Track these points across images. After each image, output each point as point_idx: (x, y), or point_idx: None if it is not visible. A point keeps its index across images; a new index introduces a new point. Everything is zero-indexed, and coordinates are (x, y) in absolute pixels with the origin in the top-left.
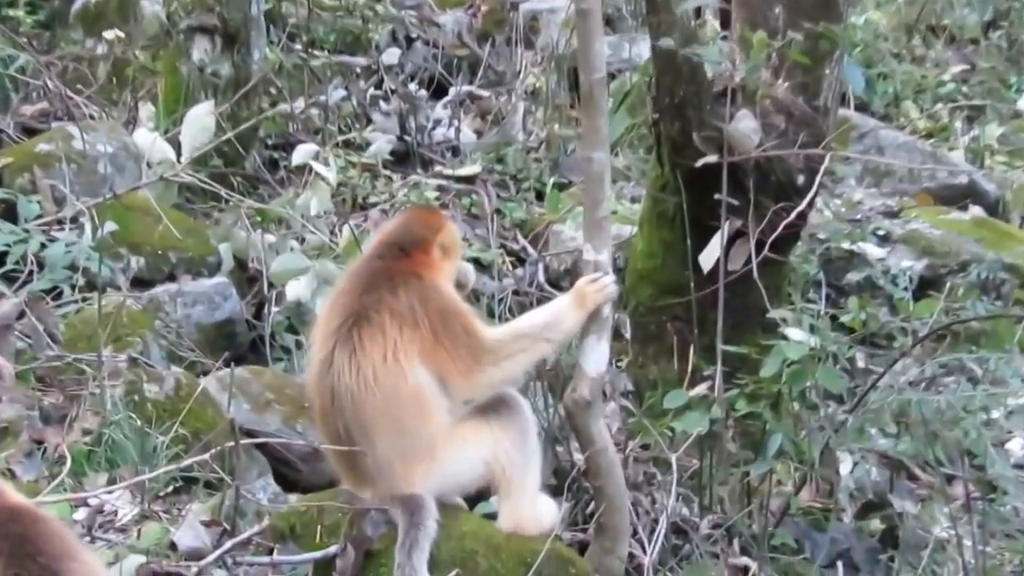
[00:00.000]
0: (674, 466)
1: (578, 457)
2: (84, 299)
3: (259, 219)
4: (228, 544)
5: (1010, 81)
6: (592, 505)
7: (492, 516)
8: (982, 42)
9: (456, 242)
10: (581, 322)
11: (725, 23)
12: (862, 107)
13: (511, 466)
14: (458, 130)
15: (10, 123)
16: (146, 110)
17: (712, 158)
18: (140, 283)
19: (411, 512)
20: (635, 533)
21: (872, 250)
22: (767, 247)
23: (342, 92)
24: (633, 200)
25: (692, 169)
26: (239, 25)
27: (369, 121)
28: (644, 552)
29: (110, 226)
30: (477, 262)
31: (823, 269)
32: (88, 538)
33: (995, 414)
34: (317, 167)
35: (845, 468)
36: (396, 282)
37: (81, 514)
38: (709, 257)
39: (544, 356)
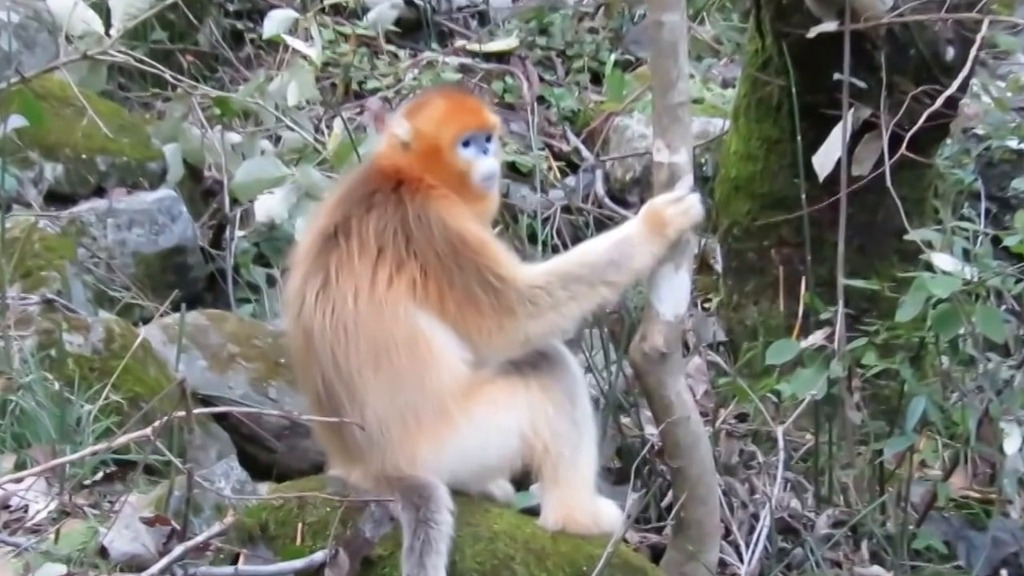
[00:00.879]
0: (780, 443)
1: (651, 431)
2: None
3: (217, 112)
4: (179, 550)
5: None
6: (670, 495)
7: (533, 512)
8: None
9: (412, 131)
10: (657, 257)
11: None
12: None
13: (556, 441)
14: None
15: None
16: None
17: (830, 25)
18: (57, 199)
19: (417, 504)
20: (727, 533)
21: None
22: (905, 145)
23: None
24: (725, 84)
25: (803, 40)
26: None
27: None
28: (740, 559)
29: (16, 121)
30: (514, 168)
31: (981, 175)
32: None
33: None
34: (295, 43)
35: (1011, 444)
36: (374, 197)
37: None
38: (827, 159)
39: (603, 303)
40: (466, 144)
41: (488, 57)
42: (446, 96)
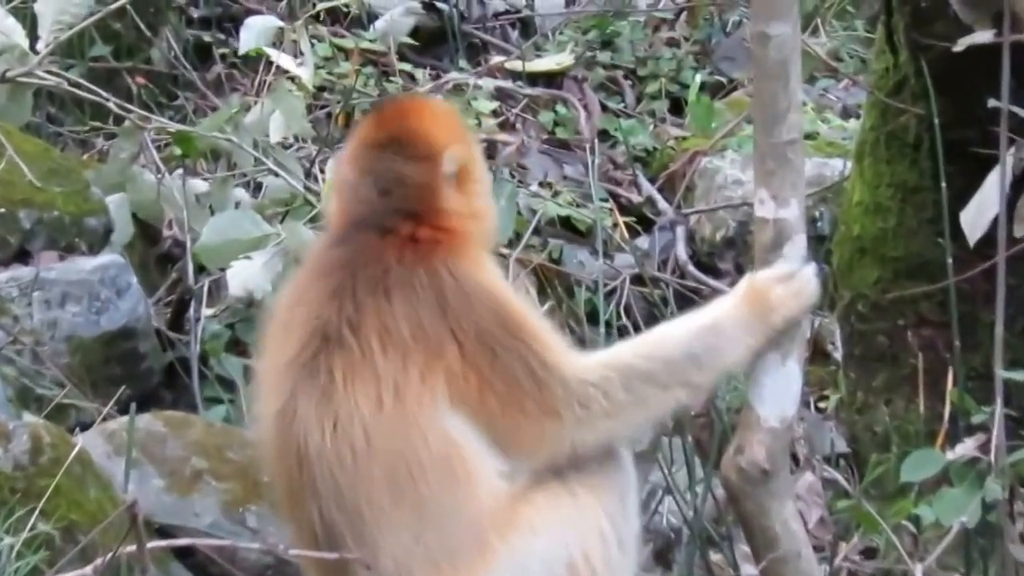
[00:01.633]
0: None
1: (749, 571)
2: None
3: (178, 151)
4: None
5: None
6: None
7: None
8: None
9: (474, 160)
10: (754, 351)
11: None
12: None
13: (606, 563)
14: None
15: None
16: None
17: (985, 35)
18: None
19: None
20: None
21: None
22: None
23: None
24: (846, 114)
25: (949, 55)
26: None
27: None
28: None
29: None
30: (569, 225)
31: None
32: None
33: None
34: (281, 59)
35: None
36: (389, 275)
37: None
38: (980, 214)
39: (679, 406)
40: None
41: (534, 79)
42: (424, 101)
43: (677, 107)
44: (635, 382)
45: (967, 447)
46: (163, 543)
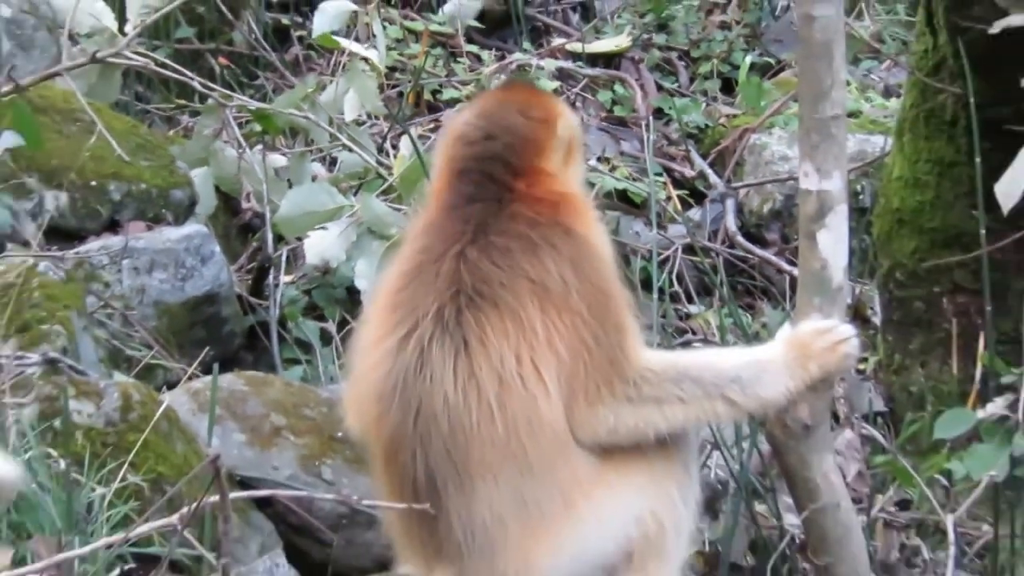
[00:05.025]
0: (951, 535)
1: (792, 521)
2: None
3: (258, 128)
4: None
5: None
6: None
7: None
8: None
9: (580, 139)
10: (791, 394)
11: None
12: None
13: (673, 522)
14: None
15: None
16: None
17: (1020, 18)
18: (61, 235)
19: None
20: None
21: None
22: None
23: None
24: (887, 93)
25: (986, 37)
26: None
27: None
28: None
29: (9, 139)
30: (625, 198)
31: None
32: None
33: None
34: (351, 45)
35: None
36: (536, 238)
37: None
38: (1014, 186)
39: (713, 419)
40: None
41: (594, 60)
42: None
43: (728, 87)
44: (686, 382)
45: (997, 406)
46: (244, 494)
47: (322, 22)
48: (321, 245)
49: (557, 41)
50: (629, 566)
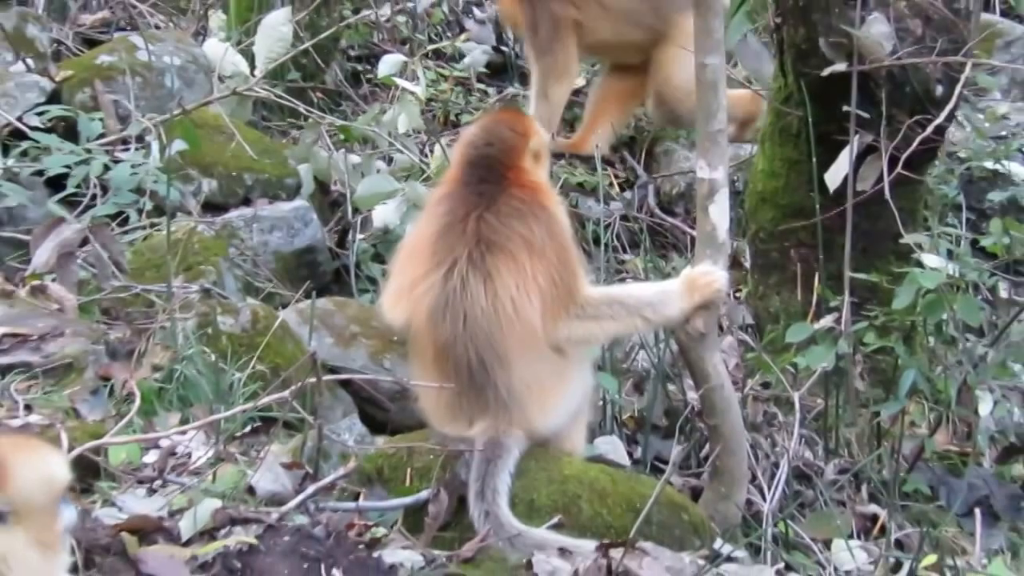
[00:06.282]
0: (796, 406)
1: (692, 396)
2: (152, 225)
3: (341, 138)
4: (311, 488)
5: None
6: (707, 447)
7: (595, 459)
8: None
9: (546, 148)
10: (685, 313)
11: None
12: (1009, 11)
13: (588, 395)
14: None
15: (68, 33)
16: (216, 19)
17: (840, 66)
18: (212, 207)
19: (489, 458)
20: (753, 478)
21: (1017, 169)
22: (901, 165)
23: None
24: None
25: (818, 79)
26: None
27: (462, 29)
28: (763, 498)
29: (178, 145)
30: (582, 185)
31: (963, 190)
32: (160, 481)
33: None
34: (403, 83)
35: (985, 408)
36: (525, 210)
37: (152, 456)
38: (836, 176)
39: (633, 332)
40: None
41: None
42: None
43: None
44: (615, 305)
45: (827, 321)
46: (332, 377)
47: (384, 68)
48: (383, 214)
49: None
50: (580, 415)
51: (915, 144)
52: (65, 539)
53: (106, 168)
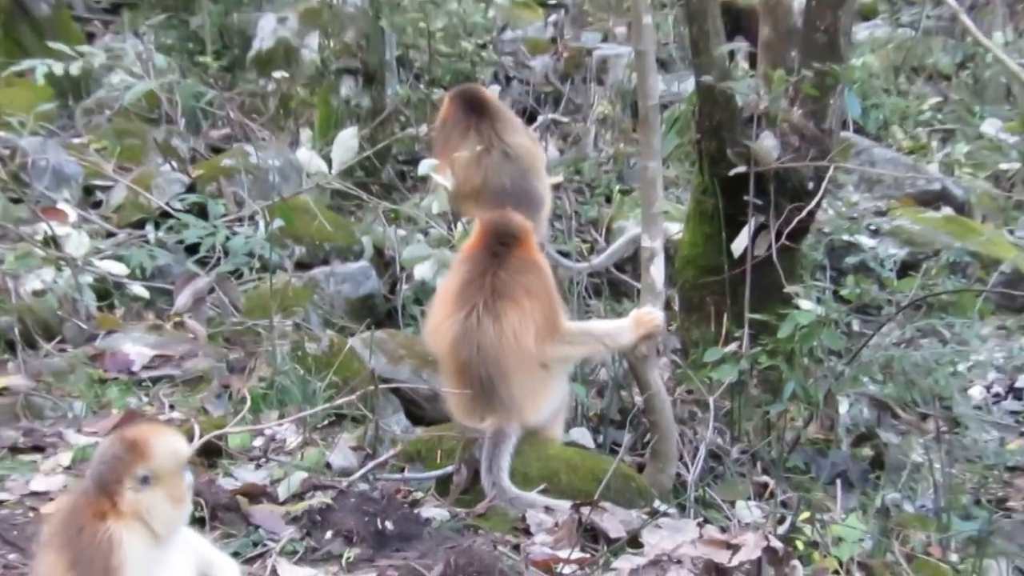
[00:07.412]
0: (711, 406)
1: (638, 399)
2: (259, 278)
3: (393, 217)
4: (370, 464)
5: (975, 110)
6: (648, 436)
7: (570, 444)
8: (953, 79)
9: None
10: (633, 342)
11: (752, 63)
12: (859, 130)
13: (565, 399)
14: (545, 148)
15: (202, 144)
16: (305, 134)
17: (742, 169)
18: (301, 266)
19: (495, 442)
20: (681, 457)
21: (865, 240)
22: (784, 237)
23: None
24: (679, 201)
25: (726, 177)
26: (376, 67)
27: None
28: (688, 471)
29: (278, 222)
30: (561, 252)
31: (827, 255)
32: (264, 459)
33: (960, 367)
34: (436, 177)
35: (843, 408)
36: (523, 267)
37: (258, 441)
38: (739, 245)
39: (598, 355)
40: None
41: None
42: None
43: (608, 199)
44: (584, 336)
45: (732, 347)
46: (385, 386)
47: (423, 168)
48: (422, 271)
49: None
50: (559, 412)
51: (794, 223)
52: (189, 494)
53: (227, 238)
